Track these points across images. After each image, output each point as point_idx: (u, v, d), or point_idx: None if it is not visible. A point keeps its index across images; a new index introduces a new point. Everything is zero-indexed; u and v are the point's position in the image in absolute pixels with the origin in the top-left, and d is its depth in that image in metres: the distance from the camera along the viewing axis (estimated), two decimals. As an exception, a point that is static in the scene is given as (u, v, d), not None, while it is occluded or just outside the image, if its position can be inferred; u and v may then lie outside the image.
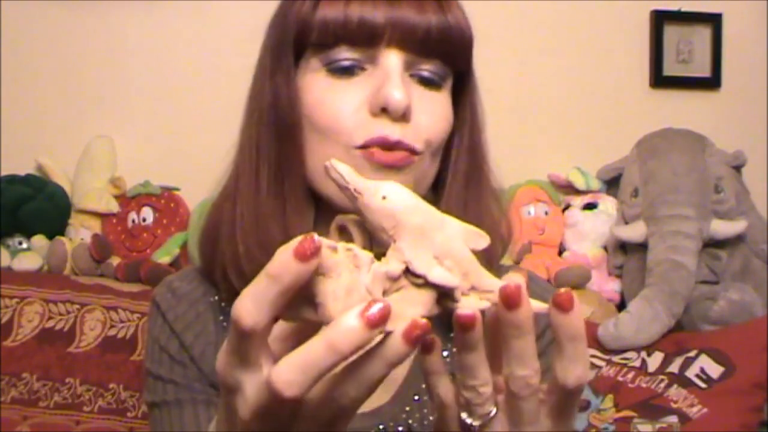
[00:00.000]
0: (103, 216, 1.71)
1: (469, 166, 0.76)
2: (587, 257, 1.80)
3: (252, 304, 0.41)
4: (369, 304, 0.41)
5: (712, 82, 1.99)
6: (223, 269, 0.75)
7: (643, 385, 1.50)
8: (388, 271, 0.44)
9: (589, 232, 1.82)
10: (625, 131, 1.87)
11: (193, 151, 1.78)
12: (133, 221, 1.71)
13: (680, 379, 1.49)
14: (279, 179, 0.74)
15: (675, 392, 1.48)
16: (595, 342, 1.59)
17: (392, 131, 0.68)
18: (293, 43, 0.72)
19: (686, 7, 1.97)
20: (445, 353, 0.76)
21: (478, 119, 0.78)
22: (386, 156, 0.69)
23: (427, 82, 0.71)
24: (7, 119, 1.75)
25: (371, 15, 0.68)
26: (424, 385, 0.76)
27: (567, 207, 1.85)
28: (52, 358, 1.47)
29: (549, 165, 1.89)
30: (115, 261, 1.63)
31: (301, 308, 0.43)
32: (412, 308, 0.44)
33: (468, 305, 0.45)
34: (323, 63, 0.71)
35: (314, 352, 0.40)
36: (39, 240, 1.65)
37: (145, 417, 1.44)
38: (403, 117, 0.68)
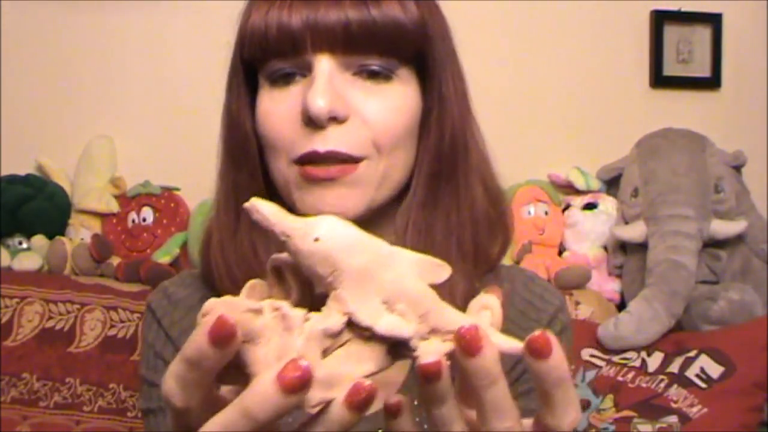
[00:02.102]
0: (103, 216, 1.71)
1: (438, 159, 0.71)
2: (587, 257, 1.80)
3: (177, 387, 0.38)
4: (286, 366, 0.35)
5: (712, 82, 1.99)
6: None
7: (643, 385, 1.50)
8: (327, 328, 0.38)
9: (589, 232, 1.82)
10: (625, 131, 1.87)
11: (193, 151, 1.77)
12: (133, 221, 1.71)
13: (680, 379, 1.49)
14: (234, 199, 0.73)
15: (675, 392, 1.48)
16: (595, 342, 1.59)
17: (322, 143, 0.65)
18: (242, 61, 0.71)
19: (686, 7, 1.97)
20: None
21: (449, 107, 0.71)
22: (318, 170, 0.66)
23: (374, 76, 0.67)
24: (7, 119, 1.76)
25: (287, 21, 0.65)
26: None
27: (567, 207, 1.85)
28: (52, 358, 1.47)
29: (549, 165, 1.89)
30: (115, 261, 1.63)
31: (238, 377, 0.39)
32: (359, 366, 0.38)
33: (428, 351, 0.38)
34: (264, 76, 0.69)
35: (229, 420, 0.37)
36: (39, 240, 1.65)
37: (138, 408, 1.44)
38: (335, 121, 0.65)
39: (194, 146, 1.79)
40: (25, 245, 1.66)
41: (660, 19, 1.96)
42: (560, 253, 1.84)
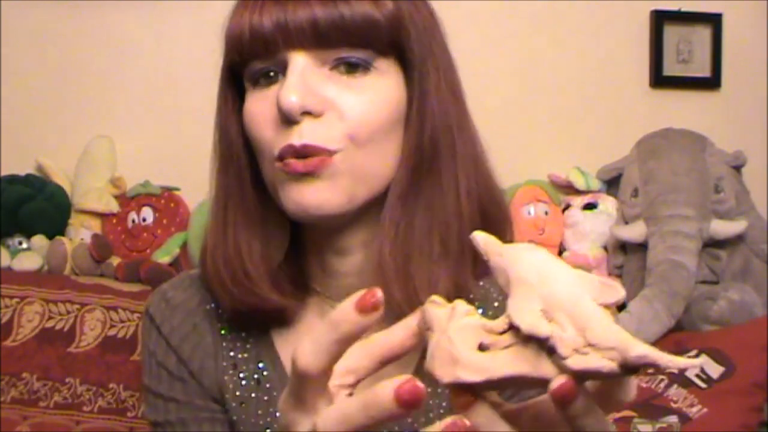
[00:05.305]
0: (103, 216, 1.71)
1: (418, 152, 0.70)
2: (587, 257, 1.80)
3: (310, 347, 0.44)
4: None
5: (712, 82, 1.99)
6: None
7: (643, 385, 1.50)
8: (486, 324, 0.42)
9: (589, 232, 1.82)
10: (625, 131, 1.87)
11: (193, 151, 1.77)
12: (133, 221, 1.71)
13: (680, 379, 1.49)
14: (223, 202, 0.74)
15: (675, 392, 1.48)
16: (595, 342, 1.59)
17: (298, 137, 0.66)
18: (228, 67, 0.73)
19: (686, 7, 1.97)
20: None
21: (430, 100, 0.71)
22: (298, 164, 0.66)
23: (352, 69, 0.68)
24: (7, 119, 1.75)
25: (258, 23, 0.67)
26: (429, 389, 0.75)
27: (567, 207, 1.85)
28: (52, 358, 1.47)
29: (549, 165, 1.89)
30: (115, 261, 1.63)
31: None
32: (511, 365, 0.41)
33: (578, 363, 0.39)
34: (247, 78, 0.71)
35: (351, 408, 0.42)
36: (39, 240, 1.65)
37: (145, 417, 1.44)
38: (310, 116, 0.66)
39: (194, 146, 1.79)
40: (25, 245, 1.66)
41: (660, 19, 1.96)
42: (560, 253, 1.84)
